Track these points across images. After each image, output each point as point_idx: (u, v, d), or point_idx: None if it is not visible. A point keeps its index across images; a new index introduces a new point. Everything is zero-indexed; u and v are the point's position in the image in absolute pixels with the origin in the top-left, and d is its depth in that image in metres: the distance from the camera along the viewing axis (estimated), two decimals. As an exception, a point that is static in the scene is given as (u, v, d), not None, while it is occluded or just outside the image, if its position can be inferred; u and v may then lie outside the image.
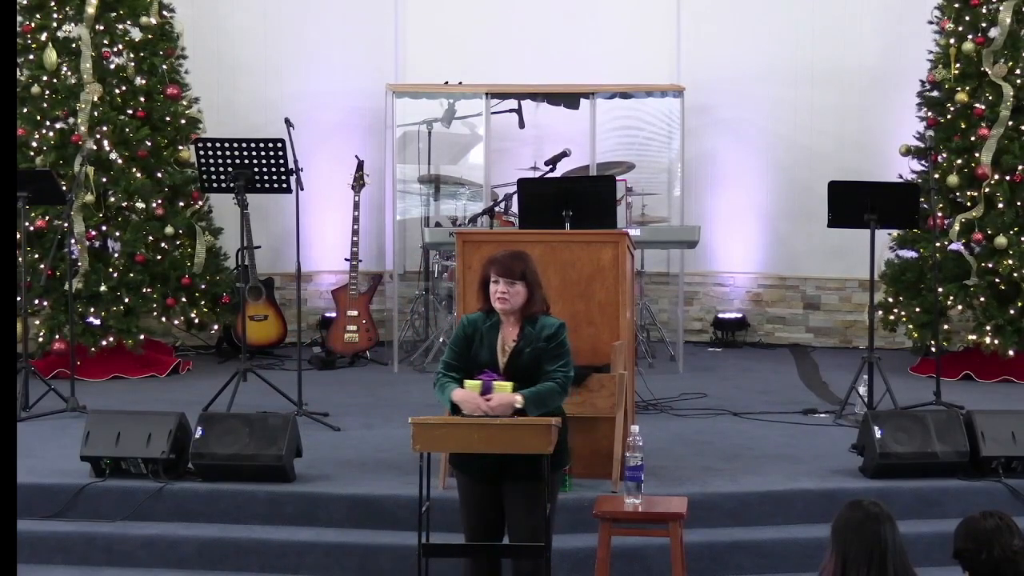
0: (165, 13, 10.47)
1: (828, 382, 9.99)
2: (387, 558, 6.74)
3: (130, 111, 10.16)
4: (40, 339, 9.89)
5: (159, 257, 10.16)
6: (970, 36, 10.05)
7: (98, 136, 9.95)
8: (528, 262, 5.82)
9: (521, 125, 11.11)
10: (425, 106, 11.23)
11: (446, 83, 11.02)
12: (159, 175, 10.22)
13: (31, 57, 10.07)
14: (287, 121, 8.96)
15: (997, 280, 9.86)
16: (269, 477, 7.20)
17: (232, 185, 8.85)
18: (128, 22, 10.25)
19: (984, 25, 10.06)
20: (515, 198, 9.57)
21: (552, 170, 9.97)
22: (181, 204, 10.33)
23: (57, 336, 9.81)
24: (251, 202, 9.08)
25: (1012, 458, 7.30)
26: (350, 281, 10.79)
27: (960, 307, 9.98)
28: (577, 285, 7.29)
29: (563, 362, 5.74)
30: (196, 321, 10.59)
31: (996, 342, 9.80)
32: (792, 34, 11.42)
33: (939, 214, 9.65)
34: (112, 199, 10.05)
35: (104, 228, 10.06)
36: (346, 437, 8.29)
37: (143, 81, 10.23)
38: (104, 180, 10.02)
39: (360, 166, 10.76)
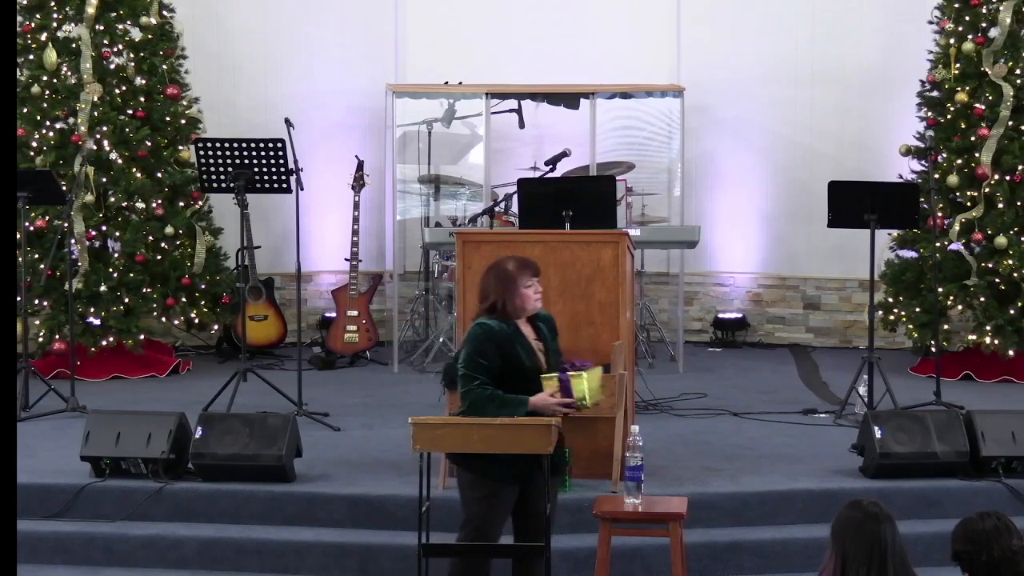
0: (165, 13, 10.46)
1: (828, 382, 9.98)
2: (387, 558, 6.75)
3: (130, 111, 10.15)
4: (40, 339, 9.89)
5: (159, 257, 10.15)
6: (970, 36, 10.04)
7: (98, 136, 9.95)
8: None
9: (521, 125, 11.09)
10: (425, 106, 11.21)
11: (446, 83, 11.01)
12: (159, 175, 10.21)
13: (31, 57, 10.07)
14: (287, 121, 8.96)
15: (997, 280, 9.86)
16: (269, 477, 7.20)
17: (232, 185, 8.85)
18: (128, 22, 10.24)
19: (984, 25, 10.05)
20: (515, 198, 9.56)
21: (552, 170, 9.96)
22: (181, 204, 10.33)
23: (57, 336, 9.80)
24: (251, 202, 9.09)
25: (1012, 458, 7.30)
26: (350, 281, 10.78)
27: (960, 307, 9.97)
28: (577, 285, 7.28)
29: (561, 354, 6.07)
30: (196, 321, 10.58)
31: (996, 342, 9.79)
32: (792, 34, 11.41)
33: (939, 214, 9.64)
34: (112, 199, 10.05)
35: (104, 228, 10.05)
36: (346, 437, 8.29)
37: (143, 81, 10.23)
38: (104, 180, 10.01)
39: (360, 166, 10.76)
